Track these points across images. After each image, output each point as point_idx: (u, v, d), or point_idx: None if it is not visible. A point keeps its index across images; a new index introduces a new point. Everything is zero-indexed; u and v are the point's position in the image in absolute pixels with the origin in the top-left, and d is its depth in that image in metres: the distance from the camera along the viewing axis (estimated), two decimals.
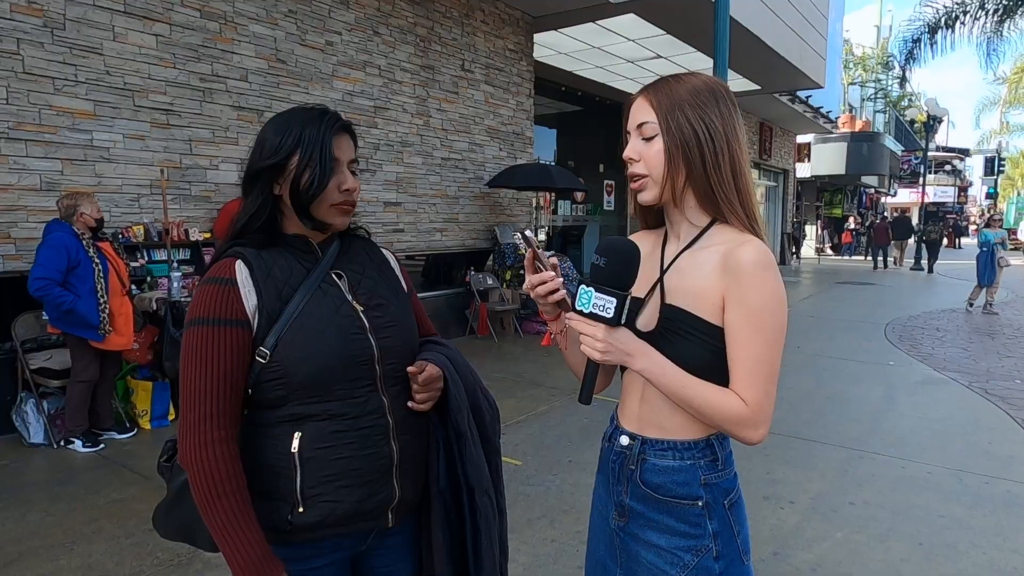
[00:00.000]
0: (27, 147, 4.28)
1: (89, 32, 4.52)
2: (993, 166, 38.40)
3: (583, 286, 1.03)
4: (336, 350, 1.15)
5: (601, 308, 1.02)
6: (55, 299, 3.80)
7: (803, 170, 23.35)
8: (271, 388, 1.14)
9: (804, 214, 24.80)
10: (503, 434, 4.36)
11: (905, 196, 37.11)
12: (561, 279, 1.11)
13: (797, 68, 11.32)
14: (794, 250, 21.21)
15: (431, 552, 1.29)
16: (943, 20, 13.40)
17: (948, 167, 40.94)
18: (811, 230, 25.15)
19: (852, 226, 26.01)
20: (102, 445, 4.11)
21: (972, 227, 50.74)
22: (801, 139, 22.66)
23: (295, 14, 5.89)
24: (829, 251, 26.06)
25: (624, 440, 1.22)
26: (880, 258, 19.86)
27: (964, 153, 44.65)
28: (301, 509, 1.15)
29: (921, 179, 20.29)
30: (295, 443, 1.14)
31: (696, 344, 1.11)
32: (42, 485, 3.59)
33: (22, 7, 4.20)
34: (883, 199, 35.14)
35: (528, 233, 1.10)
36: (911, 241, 20.32)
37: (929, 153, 21.87)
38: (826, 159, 23.02)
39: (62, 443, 4.09)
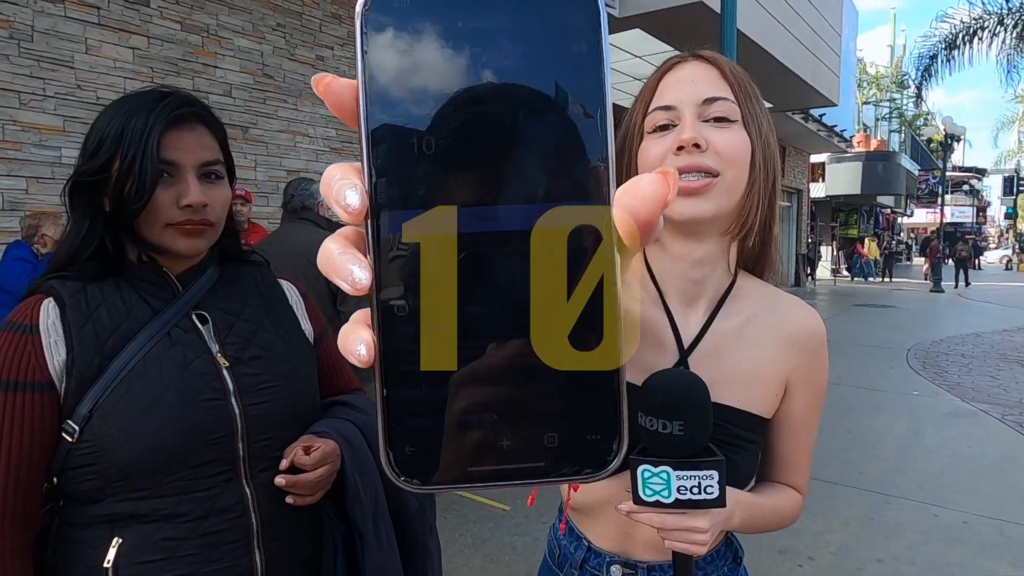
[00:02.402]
0: None
1: (59, 44, 4.30)
2: (1012, 185, 37.80)
3: (645, 467, 0.68)
4: (173, 423, 0.83)
5: (696, 491, 0.67)
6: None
7: (817, 190, 22.96)
8: (81, 477, 0.82)
9: (819, 235, 24.36)
10: None
11: (922, 216, 36.55)
12: None
13: (810, 85, 11.04)
14: (809, 271, 20.79)
15: None
16: (960, 36, 13.06)
17: (966, 187, 40.35)
18: (826, 251, 24.69)
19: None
20: None
21: (992, 246, 49.98)
22: (815, 159, 22.30)
23: (283, 28, 5.67)
24: (845, 272, 25.53)
25: (617, 572, 0.88)
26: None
27: (982, 173, 44.04)
28: None
29: (940, 199, 19.80)
30: (111, 554, 0.81)
31: (750, 455, 0.82)
32: None
33: None
34: (900, 219, 34.61)
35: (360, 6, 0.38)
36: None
37: (947, 173, 21.43)
38: (841, 179, 22.66)
39: None
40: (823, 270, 23.57)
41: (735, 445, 0.80)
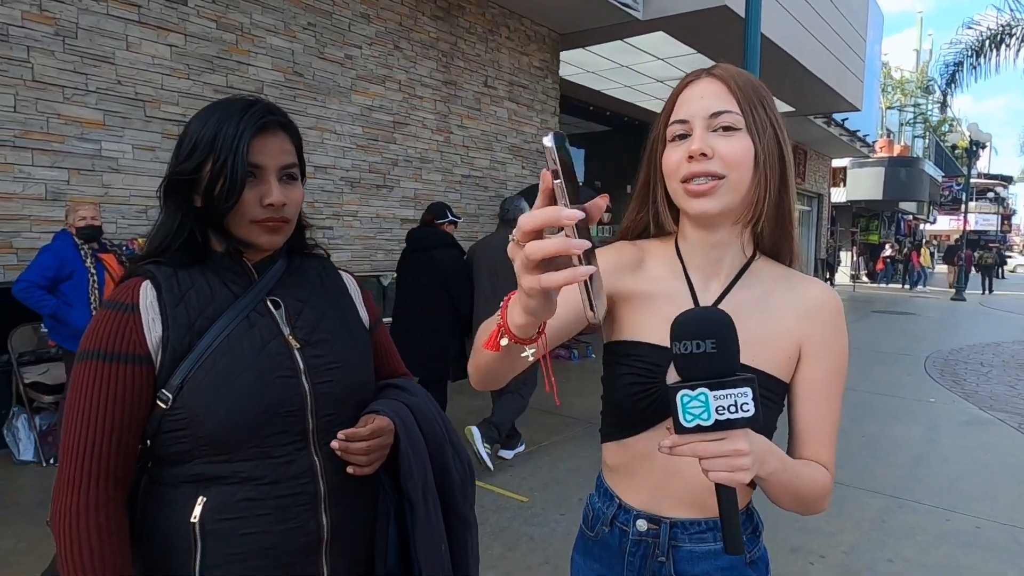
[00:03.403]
0: (33, 156, 4.20)
1: (101, 41, 4.45)
2: None
3: (684, 391, 0.71)
4: (254, 397, 0.93)
5: (733, 409, 0.71)
6: (36, 302, 3.69)
7: (838, 195, 22.77)
8: (172, 441, 0.93)
9: (839, 240, 24.16)
10: (510, 465, 4.13)
11: (945, 223, 36.09)
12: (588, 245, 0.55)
13: (833, 89, 10.98)
14: (828, 277, 20.64)
15: None
16: (987, 43, 12.93)
17: (991, 194, 39.74)
18: (846, 256, 24.48)
19: (889, 253, 25.22)
20: None
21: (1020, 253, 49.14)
22: (837, 163, 22.12)
23: (314, 27, 5.80)
24: (864, 278, 25.30)
25: (642, 525, 0.97)
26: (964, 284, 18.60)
27: (1008, 180, 43.35)
28: None
29: (963, 206, 19.55)
30: (197, 510, 0.92)
31: (766, 409, 0.87)
32: (22, 507, 3.43)
33: (34, 15, 4.15)
34: (922, 226, 34.19)
35: (549, 142, 0.56)
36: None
37: (971, 180, 21.16)
38: (862, 184, 22.45)
39: (52, 461, 3.94)
40: (842, 275, 23.38)
41: None
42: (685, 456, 0.72)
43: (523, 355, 0.71)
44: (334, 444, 0.99)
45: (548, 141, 0.55)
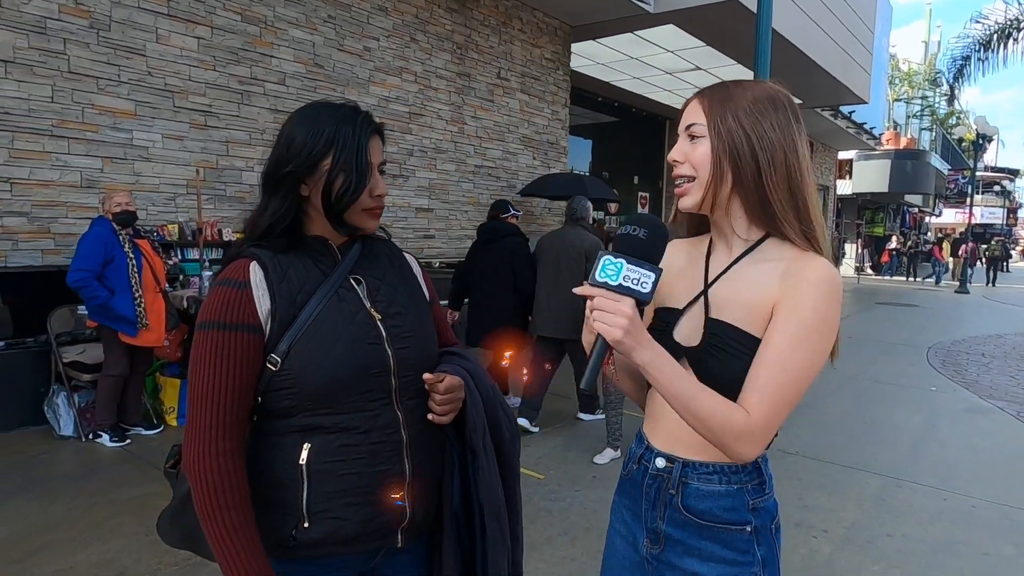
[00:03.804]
0: (70, 144, 4.37)
1: (133, 34, 4.61)
2: None
3: (608, 257, 0.92)
4: (349, 360, 1.10)
5: (635, 282, 0.91)
6: (91, 292, 3.87)
7: (844, 187, 22.82)
8: (281, 397, 1.09)
9: (844, 232, 24.22)
10: (527, 445, 4.31)
11: (950, 217, 36.05)
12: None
13: (841, 82, 11.06)
14: None
15: (441, 574, 1.22)
16: (995, 37, 12.97)
17: (997, 188, 39.68)
18: (851, 248, 24.55)
19: (894, 245, 25.28)
20: (128, 440, 4.15)
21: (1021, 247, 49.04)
22: (843, 155, 22.17)
23: (334, 20, 5.94)
24: (869, 270, 25.38)
25: (660, 462, 1.13)
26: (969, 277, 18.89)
27: (1014, 173, 43.25)
28: (306, 524, 1.09)
29: (969, 199, 19.61)
30: (303, 455, 1.09)
31: (739, 361, 1.02)
32: (68, 478, 3.63)
33: (70, 8, 4.30)
34: (927, 219, 34.18)
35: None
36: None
37: (977, 173, 21.20)
38: (868, 176, 22.47)
39: (90, 436, 4.14)
40: (847, 267, 23.47)
41: (723, 349, 1.03)
42: (591, 304, 0.94)
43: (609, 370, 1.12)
44: (427, 376, 1.15)
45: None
